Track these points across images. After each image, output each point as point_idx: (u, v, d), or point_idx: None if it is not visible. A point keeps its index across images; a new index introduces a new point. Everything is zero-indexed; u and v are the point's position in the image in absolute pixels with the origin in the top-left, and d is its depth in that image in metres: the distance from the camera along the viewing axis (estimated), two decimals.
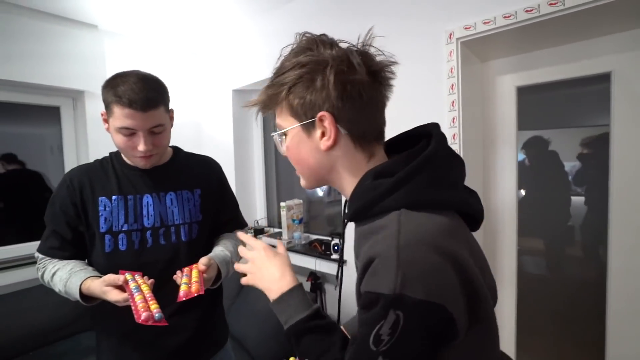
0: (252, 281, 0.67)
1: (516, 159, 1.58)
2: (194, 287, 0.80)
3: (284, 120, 0.60)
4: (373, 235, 0.51)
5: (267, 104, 0.60)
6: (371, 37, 0.57)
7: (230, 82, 2.54)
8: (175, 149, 1.10)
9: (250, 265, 0.68)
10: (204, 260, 0.92)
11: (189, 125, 2.74)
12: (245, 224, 1.21)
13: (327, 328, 0.58)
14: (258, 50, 2.31)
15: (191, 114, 2.77)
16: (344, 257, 1.96)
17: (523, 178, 1.60)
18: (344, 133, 0.56)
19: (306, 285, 2.28)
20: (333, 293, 2.28)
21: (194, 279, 0.83)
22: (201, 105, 2.80)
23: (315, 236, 2.39)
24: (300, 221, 2.32)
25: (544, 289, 1.62)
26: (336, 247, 2.00)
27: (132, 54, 2.41)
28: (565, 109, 1.52)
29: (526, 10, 1.23)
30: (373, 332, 0.46)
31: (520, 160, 1.60)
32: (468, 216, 0.58)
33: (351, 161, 0.58)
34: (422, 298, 0.45)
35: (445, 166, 0.56)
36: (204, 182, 1.09)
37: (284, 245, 0.72)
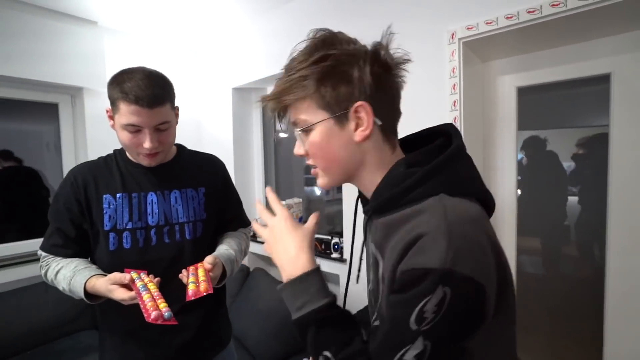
0: (269, 251, 0.62)
1: (516, 158, 1.59)
2: (203, 287, 0.79)
3: (310, 115, 0.56)
4: (411, 219, 0.51)
5: (288, 96, 0.56)
6: (391, 35, 0.57)
7: (230, 80, 2.53)
8: (180, 147, 1.10)
9: (268, 234, 0.63)
10: (209, 259, 0.91)
11: (188, 123, 2.72)
12: (249, 222, 1.21)
13: (346, 318, 0.55)
14: (258, 48, 2.31)
15: (191, 111, 2.75)
16: (344, 257, 1.97)
17: (520, 177, 1.61)
18: (379, 124, 0.57)
19: None
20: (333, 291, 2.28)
21: (202, 278, 0.82)
22: (201, 103, 2.79)
23: (315, 235, 2.39)
24: (300, 220, 2.31)
25: (541, 287, 1.64)
26: (336, 246, 2.00)
27: (132, 51, 2.40)
28: (565, 109, 1.54)
29: (528, 11, 1.24)
30: (416, 310, 0.46)
31: (518, 159, 1.61)
32: (484, 206, 0.59)
33: (379, 153, 0.59)
34: (470, 275, 0.45)
35: (470, 159, 0.59)
36: (208, 181, 1.08)
37: (317, 217, 0.63)
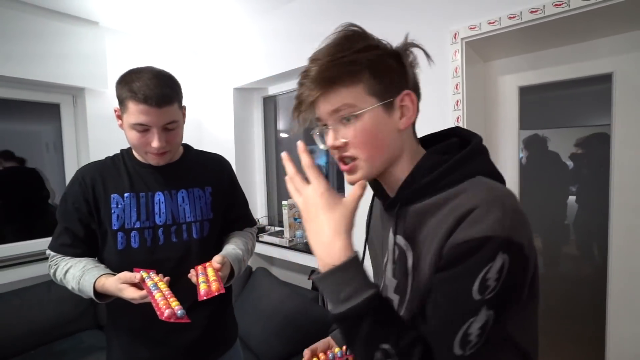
0: (305, 227, 0.54)
1: (518, 158, 1.60)
2: (215, 286, 0.79)
3: (359, 101, 0.54)
4: (451, 200, 0.52)
5: (337, 80, 0.54)
6: (410, 40, 0.60)
7: (231, 80, 2.53)
8: (186, 147, 1.10)
9: (302, 205, 0.54)
10: (217, 258, 0.91)
11: (189, 124, 2.67)
12: (255, 222, 1.22)
13: (392, 306, 0.51)
14: (259, 48, 2.31)
15: (192, 112, 2.74)
16: None
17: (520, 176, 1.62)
18: (418, 113, 0.59)
19: (308, 284, 2.29)
20: None
21: (212, 278, 0.82)
22: (202, 104, 2.79)
23: None
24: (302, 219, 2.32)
25: (541, 286, 1.64)
26: None
27: (133, 52, 2.39)
28: (566, 109, 1.55)
29: (531, 11, 1.24)
30: (478, 279, 0.46)
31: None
32: None
33: (412, 144, 0.61)
34: (523, 245, 0.47)
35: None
36: (215, 180, 1.09)
37: (362, 187, 0.55)
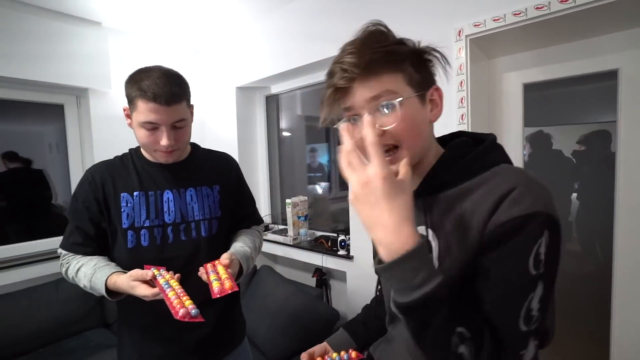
0: (354, 205, 0.50)
1: (522, 155, 1.60)
2: (228, 284, 0.79)
3: (400, 89, 0.56)
4: (483, 185, 0.55)
5: (383, 64, 0.55)
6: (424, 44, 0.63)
7: (234, 80, 2.53)
8: (194, 146, 1.11)
9: (359, 189, 0.48)
10: (226, 256, 0.91)
11: (192, 123, 2.72)
12: (262, 220, 1.22)
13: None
14: (261, 47, 2.31)
15: (195, 111, 2.72)
16: (351, 253, 1.98)
17: None
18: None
19: (312, 282, 2.30)
20: (338, 289, 2.30)
21: (224, 276, 0.82)
22: (205, 103, 2.79)
23: (320, 232, 2.40)
24: (305, 218, 2.33)
25: None
26: (343, 243, 2.02)
27: (136, 52, 2.40)
28: (571, 106, 1.55)
29: (537, 8, 1.24)
30: (532, 254, 0.47)
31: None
32: None
33: (433, 137, 0.65)
34: (559, 220, 0.50)
35: None
36: (222, 179, 1.09)
37: (409, 166, 0.52)
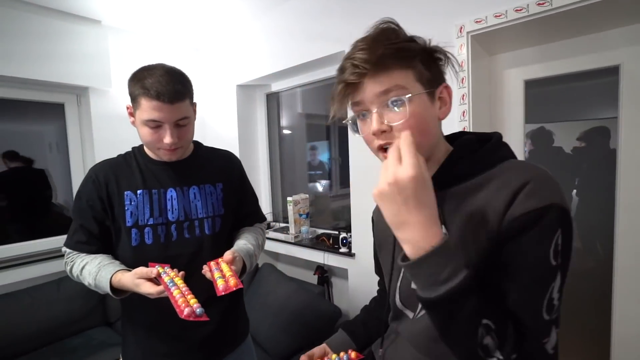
0: (380, 204, 0.50)
1: (523, 151, 1.60)
2: (233, 282, 0.79)
3: (410, 85, 0.56)
4: (494, 179, 0.56)
5: (394, 60, 0.56)
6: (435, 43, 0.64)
7: (235, 77, 2.53)
8: (197, 144, 1.11)
9: (386, 185, 0.48)
10: (228, 254, 0.91)
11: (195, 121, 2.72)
12: (265, 218, 1.22)
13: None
14: (261, 45, 2.31)
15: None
16: (353, 251, 1.98)
17: None
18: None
19: (313, 279, 2.30)
20: (340, 286, 2.30)
21: (229, 273, 0.82)
22: (205, 101, 2.79)
23: (321, 230, 2.41)
24: (307, 215, 2.33)
25: None
26: (344, 241, 2.02)
27: (136, 50, 2.39)
28: (572, 102, 1.55)
29: (538, 4, 1.24)
30: (552, 245, 0.47)
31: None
32: None
33: (442, 132, 0.66)
34: (570, 212, 0.50)
35: None
36: (225, 176, 1.09)
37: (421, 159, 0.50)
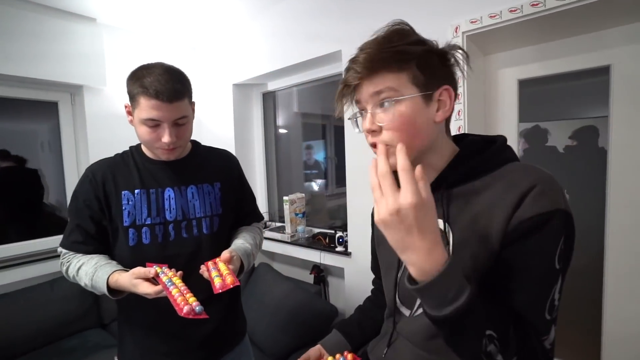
0: (384, 232, 0.49)
1: (517, 150, 1.63)
2: (229, 279, 0.80)
3: (402, 87, 0.57)
4: (500, 180, 0.57)
5: (387, 64, 0.57)
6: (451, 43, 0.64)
7: (231, 77, 2.52)
8: (195, 143, 1.10)
9: (388, 215, 0.47)
10: (226, 253, 0.91)
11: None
12: (262, 217, 1.22)
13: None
14: (258, 44, 2.30)
15: None
16: (349, 249, 1.99)
17: None
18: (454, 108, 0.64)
19: (310, 279, 2.31)
20: (336, 285, 2.31)
21: (226, 272, 0.83)
22: (201, 100, 2.77)
23: (317, 229, 2.41)
24: (303, 215, 2.33)
25: None
26: (341, 240, 2.03)
27: (132, 48, 2.37)
28: (565, 101, 1.57)
29: (532, 4, 1.25)
30: (558, 249, 0.47)
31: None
32: None
33: (444, 137, 0.66)
34: (573, 216, 0.51)
35: None
36: (223, 176, 1.09)
37: (424, 180, 0.48)
